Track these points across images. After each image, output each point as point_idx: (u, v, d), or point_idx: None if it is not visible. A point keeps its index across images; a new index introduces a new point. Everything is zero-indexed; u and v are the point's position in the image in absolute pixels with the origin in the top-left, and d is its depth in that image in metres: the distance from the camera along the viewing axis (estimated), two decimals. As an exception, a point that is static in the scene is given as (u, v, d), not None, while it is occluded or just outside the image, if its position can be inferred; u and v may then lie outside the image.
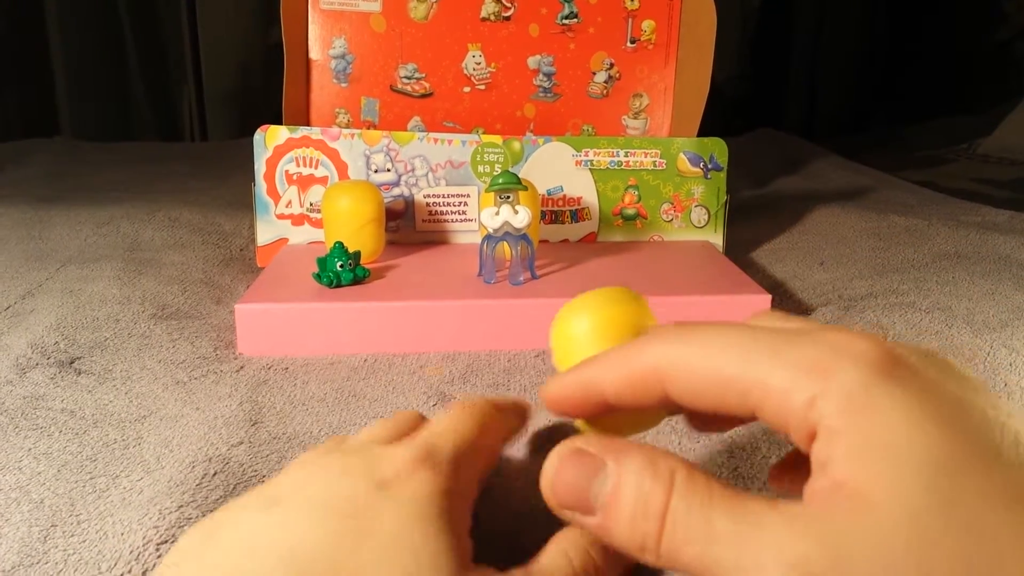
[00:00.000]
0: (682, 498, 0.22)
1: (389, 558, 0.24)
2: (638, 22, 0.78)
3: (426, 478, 0.26)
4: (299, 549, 0.24)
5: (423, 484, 0.26)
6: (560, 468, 0.24)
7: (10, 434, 0.42)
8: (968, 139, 1.42)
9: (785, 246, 0.79)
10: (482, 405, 0.32)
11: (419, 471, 0.27)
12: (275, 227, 0.69)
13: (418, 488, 0.26)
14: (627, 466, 0.23)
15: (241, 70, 1.56)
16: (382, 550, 0.24)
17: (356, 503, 0.25)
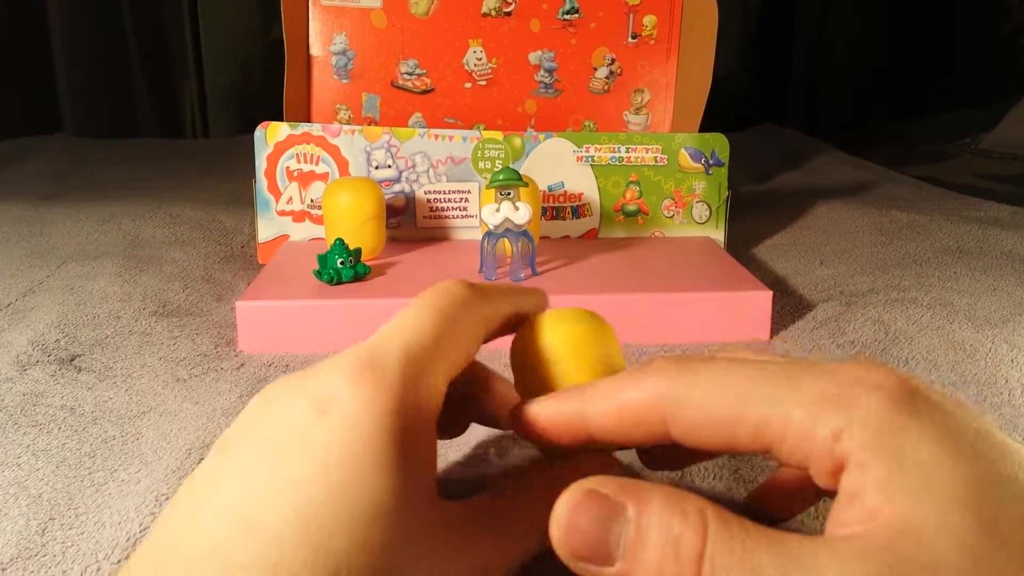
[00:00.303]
0: (720, 540, 0.20)
1: (331, 498, 0.21)
2: (639, 17, 0.78)
3: (367, 396, 0.23)
4: (240, 496, 0.21)
5: (364, 405, 0.22)
6: (572, 514, 0.22)
7: (9, 431, 0.42)
8: (971, 134, 1.42)
9: (786, 242, 0.79)
10: (445, 289, 0.27)
11: (358, 387, 0.23)
12: (276, 224, 0.69)
13: (358, 410, 0.22)
14: (650, 507, 0.21)
15: (242, 67, 1.56)
16: (321, 489, 0.21)
17: (292, 435, 0.22)
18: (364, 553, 0.21)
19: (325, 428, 0.22)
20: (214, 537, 0.21)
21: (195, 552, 0.21)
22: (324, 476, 0.21)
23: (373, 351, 0.24)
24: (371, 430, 0.22)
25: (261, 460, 0.22)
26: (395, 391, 0.23)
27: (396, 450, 0.22)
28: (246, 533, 0.21)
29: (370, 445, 0.22)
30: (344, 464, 0.22)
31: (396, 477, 0.22)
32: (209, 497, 0.22)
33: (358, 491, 0.21)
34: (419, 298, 0.27)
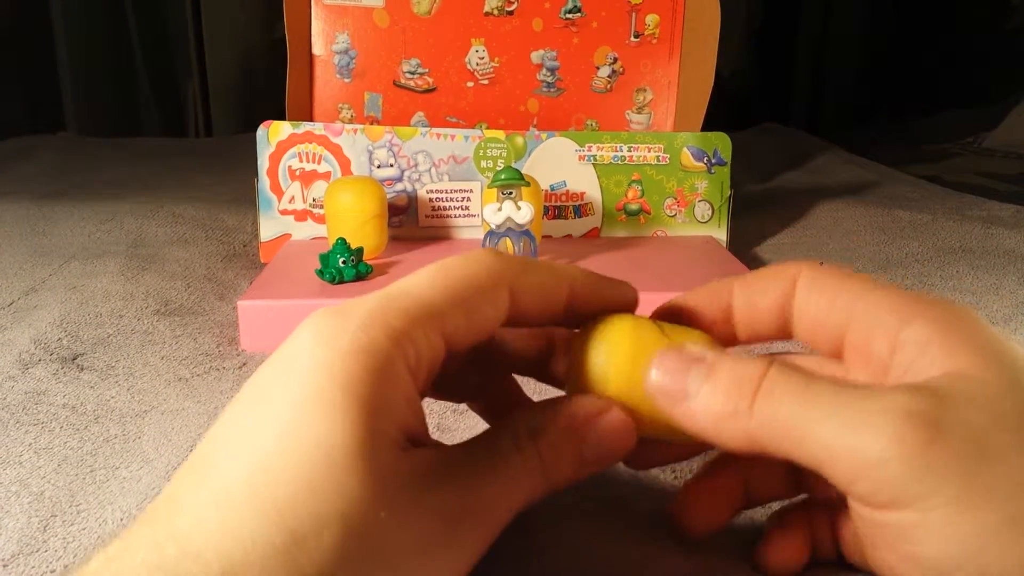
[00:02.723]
0: (779, 370, 0.24)
1: (279, 444, 0.21)
2: (642, 16, 0.78)
3: (323, 342, 0.23)
4: (210, 441, 0.23)
5: (316, 349, 0.23)
6: (663, 360, 0.25)
7: (11, 429, 0.42)
8: (973, 133, 1.41)
9: (789, 241, 0.79)
10: (466, 255, 0.26)
11: (315, 333, 0.23)
12: (278, 223, 0.69)
13: (311, 355, 0.23)
14: (726, 356, 0.25)
15: (245, 66, 1.56)
16: (271, 434, 0.21)
17: (261, 384, 0.23)
18: (311, 497, 0.20)
19: (281, 375, 0.23)
20: (179, 482, 0.22)
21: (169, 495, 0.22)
22: (274, 422, 0.22)
23: (350, 301, 0.24)
24: (319, 374, 0.22)
25: (236, 410, 0.23)
26: (354, 336, 0.23)
27: (348, 394, 0.22)
28: (200, 474, 0.22)
29: (316, 389, 0.22)
30: (292, 409, 0.22)
31: (345, 421, 0.21)
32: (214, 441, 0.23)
33: (304, 435, 0.21)
34: (435, 262, 0.26)
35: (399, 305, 0.24)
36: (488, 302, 0.26)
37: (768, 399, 0.23)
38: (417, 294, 0.24)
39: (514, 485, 0.25)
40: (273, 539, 0.20)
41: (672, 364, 0.25)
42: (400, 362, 0.23)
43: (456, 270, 0.25)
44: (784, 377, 0.24)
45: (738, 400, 0.24)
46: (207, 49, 1.54)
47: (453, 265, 0.26)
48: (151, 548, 0.20)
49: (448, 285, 0.25)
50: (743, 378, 0.24)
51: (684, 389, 0.25)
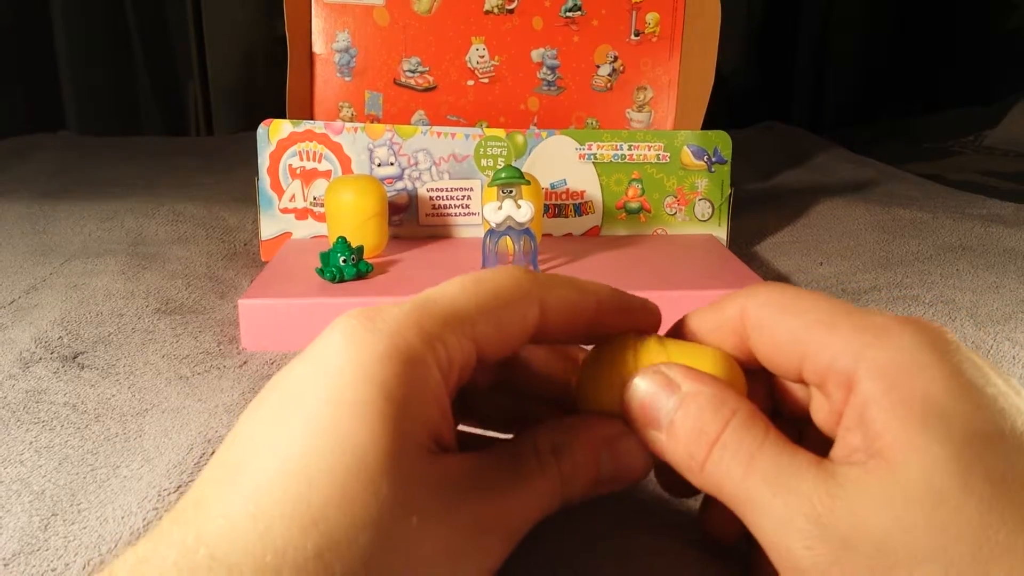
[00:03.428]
0: (736, 432, 0.24)
1: (313, 448, 0.21)
2: (642, 15, 0.78)
3: (355, 345, 0.23)
4: (239, 443, 0.22)
5: (349, 353, 0.23)
6: (638, 384, 0.26)
7: (12, 427, 0.42)
8: (974, 131, 1.41)
9: (789, 239, 0.79)
10: (495, 269, 0.27)
11: (348, 337, 0.23)
12: (279, 221, 0.69)
13: (343, 358, 0.23)
14: (696, 395, 0.25)
15: (246, 64, 1.56)
16: (303, 439, 0.21)
17: (291, 387, 0.23)
18: (344, 502, 0.20)
19: (311, 376, 0.23)
20: (207, 483, 0.22)
21: (197, 496, 0.21)
22: (305, 422, 0.21)
23: (382, 306, 0.24)
24: (353, 375, 0.22)
25: (263, 409, 0.23)
26: (388, 339, 0.23)
27: (382, 397, 0.22)
28: (229, 476, 0.21)
29: (349, 390, 0.22)
30: (324, 410, 0.22)
31: (379, 425, 0.21)
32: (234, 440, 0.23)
33: (337, 437, 0.21)
34: (467, 274, 0.26)
35: (431, 310, 0.24)
36: (517, 314, 0.26)
37: (718, 463, 0.24)
38: (449, 301, 0.25)
39: (535, 499, 0.25)
40: (306, 545, 0.20)
41: (648, 387, 0.26)
42: (433, 366, 0.23)
43: (487, 281, 0.26)
44: (738, 438, 0.23)
45: (694, 452, 0.24)
46: (207, 49, 1.54)
47: (484, 277, 0.26)
48: (182, 552, 0.20)
49: (479, 294, 0.25)
50: (703, 429, 0.24)
51: (657, 418, 0.25)
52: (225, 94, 1.57)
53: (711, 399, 0.24)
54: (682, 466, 0.25)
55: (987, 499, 0.20)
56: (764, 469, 0.23)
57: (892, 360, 0.23)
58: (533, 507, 0.25)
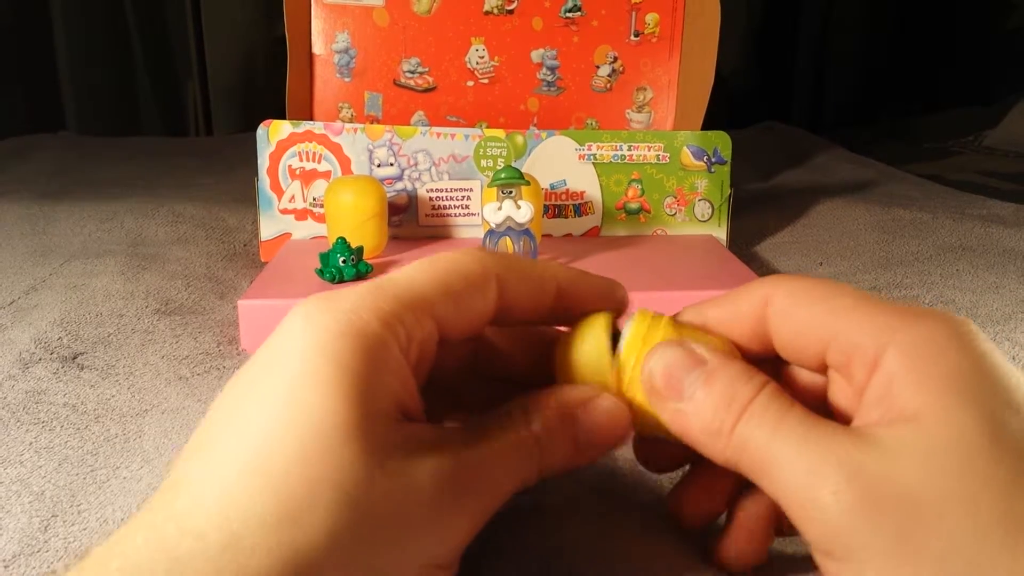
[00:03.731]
0: (766, 398, 0.24)
1: (275, 421, 0.22)
2: (642, 15, 0.78)
3: (312, 324, 0.24)
4: (210, 422, 0.23)
5: (306, 331, 0.23)
6: (664, 354, 0.26)
7: (12, 428, 0.42)
8: (974, 131, 1.41)
9: (789, 240, 0.79)
10: (453, 251, 0.27)
11: (305, 317, 0.24)
12: (278, 222, 0.69)
13: (301, 336, 0.23)
14: (726, 367, 0.25)
15: (245, 65, 1.56)
16: (265, 414, 0.22)
17: (254, 369, 0.24)
18: (305, 468, 0.21)
19: (274, 358, 0.23)
20: (179, 466, 0.22)
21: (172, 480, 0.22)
22: (268, 400, 0.22)
23: (339, 290, 0.25)
24: (311, 354, 0.23)
25: (231, 393, 0.24)
26: (344, 317, 0.23)
27: (340, 370, 0.22)
28: (197, 456, 0.22)
29: (308, 367, 0.22)
30: (285, 387, 0.22)
31: (337, 395, 0.22)
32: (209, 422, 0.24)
33: (297, 410, 0.22)
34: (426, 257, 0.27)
35: (388, 290, 0.25)
36: (476, 292, 0.27)
37: (747, 425, 0.24)
38: (406, 281, 0.25)
39: (508, 461, 0.25)
40: (268, 511, 0.20)
41: (673, 360, 0.26)
42: (391, 341, 0.24)
43: (444, 262, 0.26)
44: (766, 404, 0.24)
45: (724, 418, 0.24)
46: (207, 48, 1.54)
47: (443, 257, 0.27)
48: (151, 529, 0.20)
49: (436, 275, 0.26)
50: (734, 396, 0.24)
51: (680, 389, 0.25)
52: (225, 94, 1.57)
53: (743, 371, 0.25)
54: (705, 431, 0.25)
55: (1017, 457, 0.21)
56: (791, 430, 0.23)
57: (919, 340, 0.23)
58: (507, 470, 0.25)
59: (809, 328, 0.26)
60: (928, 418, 0.22)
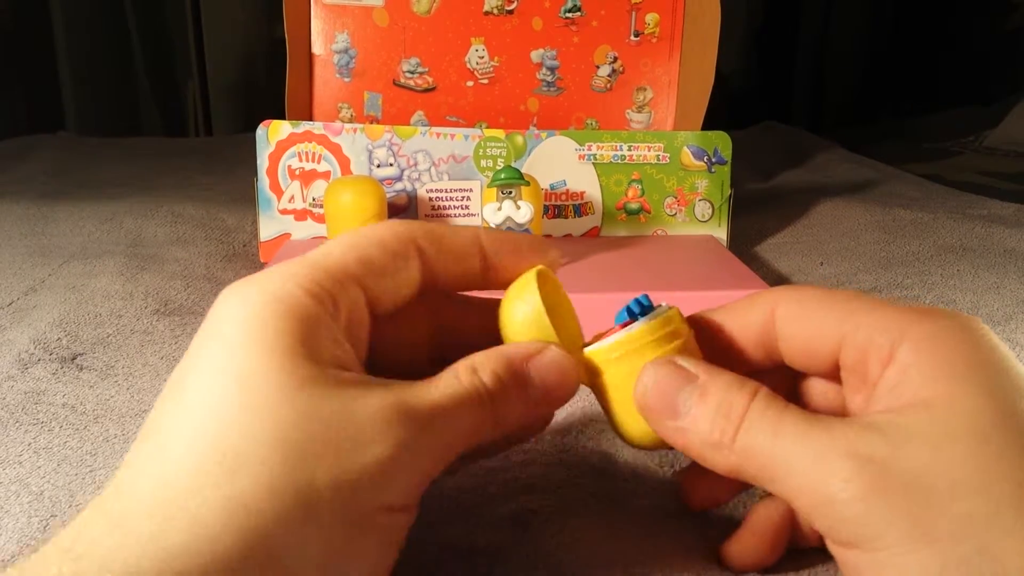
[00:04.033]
0: (762, 403, 0.24)
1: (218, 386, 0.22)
2: (642, 15, 0.78)
3: (241, 297, 0.24)
4: (161, 400, 0.24)
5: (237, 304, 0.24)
6: (655, 374, 0.26)
7: (11, 428, 0.42)
8: (974, 131, 1.41)
9: (790, 240, 0.79)
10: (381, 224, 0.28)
11: (234, 292, 0.25)
12: (278, 222, 0.69)
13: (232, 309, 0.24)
14: (717, 379, 0.26)
15: (245, 65, 1.56)
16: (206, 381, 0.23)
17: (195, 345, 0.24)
18: (242, 417, 0.21)
19: (204, 339, 0.24)
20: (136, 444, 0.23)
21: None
22: (201, 374, 0.23)
23: (262, 271, 0.26)
24: (238, 326, 0.23)
25: (173, 376, 0.24)
26: (267, 290, 0.24)
27: (273, 333, 0.23)
28: (143, 439, 0.23)
29: (240, 335, 0.23)
30: (217, 358, 0.23)
31: (265, 351, 0.23)
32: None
33: (228, 374, 0.22)
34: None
35: (308, 263, 0.26)
36: (396, 259, 0.27)
37: (748, 433, 0.24)
38: (324, 255, 0.26)
39: (459, 409, 0.25)
40: (207, 463, 0.21)
41: (664, 378, 0.26)
42: (316, 306, 0.24)
43: (361, 234, 0.27)
44: (762, 409, 0.24)
45: (723, 430, 0.25)
46: (207, 49, 1.54)
47: (360, 230, 0.28)
48: (95, 502, 0.21)
49: (354, 245, 0.27)
50: (731, 406, 0.25)
51: (675, 407, 0.26)
52: (224, 95, 1.57)
53: (733, 380, 0.25)
54: (706, 445, 0.25)
55: (1020, 431, 0.22)
56: (792, 429, 0.24)
57: (932, 333, 0.24)
58: (458, 416, 0.25)
59: (821, 332, 0.26)
60: (938, 404, 0.22)
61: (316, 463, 0.21)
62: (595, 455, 0.39)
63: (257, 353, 0.23)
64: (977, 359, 0.23)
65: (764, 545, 0.28)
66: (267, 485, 0.21)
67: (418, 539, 0.32)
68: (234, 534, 0.20)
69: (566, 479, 0.36)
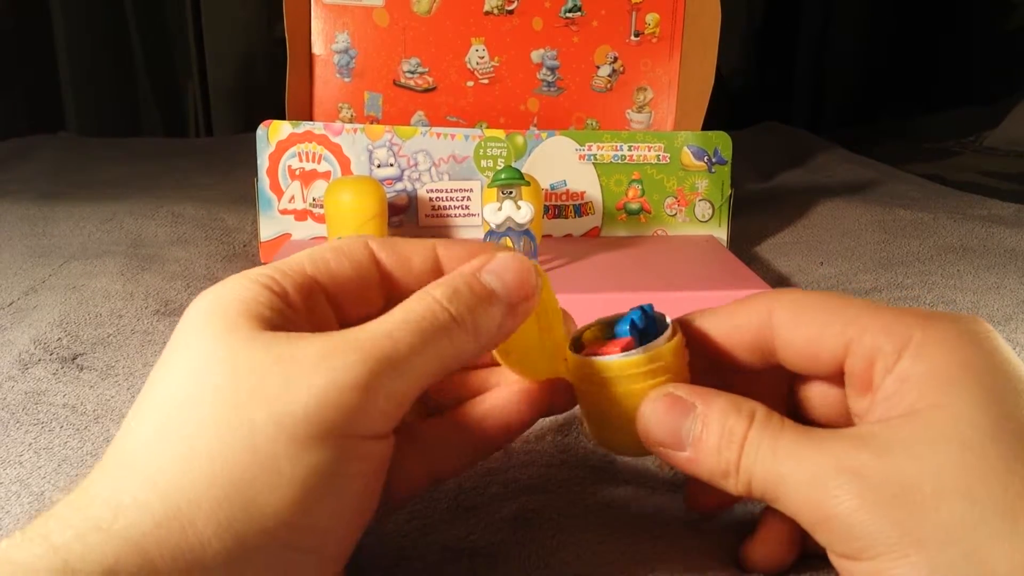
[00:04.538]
0: (759, 427, 0.25)
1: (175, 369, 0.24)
2: (642, 15, 0.78)
3: (201, 302, 0.26)
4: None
5: (197, 306, 0.26)
6: (655, 410, 0.27)
7: (11, 429, 0.42)
8: (975, 131, 1.41)
9: (790, 240, 0.79)
10: (341, 241, 0.29)
11: (200, 298, 0.26)
12: (278, 223, 0.69)
13: (194, 309, 0.26)
14: (714, 406, 0.26)
15: (245, 65, 1.56)
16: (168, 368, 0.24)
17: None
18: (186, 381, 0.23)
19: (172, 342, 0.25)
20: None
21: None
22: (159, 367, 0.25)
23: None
24: (196, 311, 0.25)
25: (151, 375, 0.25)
26: (222, 287, 0.26)
27: (219, 314, 0.24)
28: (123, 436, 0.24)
29: (193, 319, 0.25)
30: (175, 340, 0.25)
31: (209, 327, 0.24)
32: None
33: (183, 351, 0.24)
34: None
35: (265, 266, 0.27)
36: (353, 261, 0.28)
37: (748, 457, 0.25)
38: (281, 260, 0.28)
39: (423, 321, 0.25)
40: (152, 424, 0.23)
41: (665, 411, 0.27)
42: (260, 289, 0.25)
43: (321, 245, 0.29)
44: (760, 431, 0.25)
45: (728, 458, 0.25)
46: (207, 49, 1.54)
47: (320, 245, 0.29)
48: (79, 492, 0.22)
49: (309, 252, 0.28)
50: (731, 433, 0.25)
51: (679, 439, 0.26)
52: (225, 95, 1.57)
53: (730, 404, 0.26)
54: (715, 473, 0.26)
55: (1014, 448, 0.22)
56: (789, 448, 0.24)
57: (933, 339, 0.24)
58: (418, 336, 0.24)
59: (825, 337, 0.26)
60: (926, 411, 0.23)
61: (252, 404, 0.22)
62: (595, 455, 0.39)
63: (201, 330, 0.24)
64: (977, 365, 0.23)
65: (783, 547, 0.29)
66: (214, 431, 0.22)
67: (419, 540, 0.32)
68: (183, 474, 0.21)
69: (567, 480, 0.36)
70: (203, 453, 0.22)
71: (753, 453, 0.25)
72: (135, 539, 0.20)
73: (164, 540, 0.20)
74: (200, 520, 0.21)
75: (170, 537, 0.20)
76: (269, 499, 0.21)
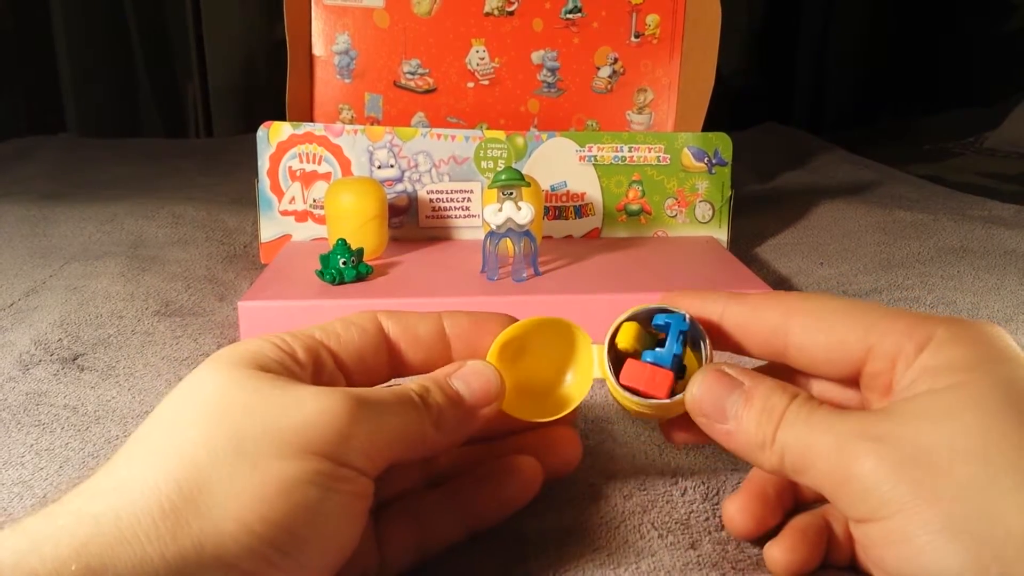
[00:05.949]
0: (798, 404, 0.27)
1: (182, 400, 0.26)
2: (642, 16, 0.78)
3: (214, 362, 0.27)
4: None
5: (210, 363, 0.27)
6: (704, 382, 0.29)
7: (12, 430, 0.42)
8: (975, 132, 1.41)
9: (790, 241, 0.79)
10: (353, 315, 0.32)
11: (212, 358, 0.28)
12: (279, 223, 0.69)
13: (205, 367, 0.27)
14: (760, 384, 0.28)
15: (246, 66, 1.56)
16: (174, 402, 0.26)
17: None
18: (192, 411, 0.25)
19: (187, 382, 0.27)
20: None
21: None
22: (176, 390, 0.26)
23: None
24: (210, 360, 0.27)
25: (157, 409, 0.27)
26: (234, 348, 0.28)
27: (228, 362, 0.27)
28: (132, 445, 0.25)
29: (203, 367, 0.27)
30: (188, 380, 0.27)
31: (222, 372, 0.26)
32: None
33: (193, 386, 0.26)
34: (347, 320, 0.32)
35: (273, 334, 0.29)
36: (361, 331, 0.31)
37: (785, 430, 0.27)
38: (294, 330, 0.30)
39: (393, 403, 0.27)
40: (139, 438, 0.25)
41: (714, 386, 0.29)
42: (271, 348, 0.28)
43: (333, 320, 0.31)
44: (798, 408, 0.27)
45: (766, 431, 0.27)
46: (207, 49, 1.54)
47: (333, 320, 0.31)
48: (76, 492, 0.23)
49: (321, 324, 0.30)
50: (772, 408, 0.27)
51: (724, 412, 0.28)
52: (225, 96, 1.57)
53: (775, 386, 0.28)
54: (752, 445, 0.27)
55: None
56: (821, 422, 0.26)
57: (952, 335, 0.26)
58: (394, 409, 0.27)
59: (846, 343, 0.28)
60: (945, 389, 0.25)
61: (245, 418, 0.24)
62: (599, 457, 0.39)
63: (206, 367, 0.27)
64: (993, 355, 0.25)
65: (808, 549, 0.30)
66: (202, 440, 0.24)
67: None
68: (169, 478, 0.23)
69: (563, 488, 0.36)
70: (189, 461, 0.23)
71: (789, 427, 0.27)
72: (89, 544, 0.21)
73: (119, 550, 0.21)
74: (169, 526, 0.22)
75: (129, 547, 0.21)
76: (250, 504, 0.23)
